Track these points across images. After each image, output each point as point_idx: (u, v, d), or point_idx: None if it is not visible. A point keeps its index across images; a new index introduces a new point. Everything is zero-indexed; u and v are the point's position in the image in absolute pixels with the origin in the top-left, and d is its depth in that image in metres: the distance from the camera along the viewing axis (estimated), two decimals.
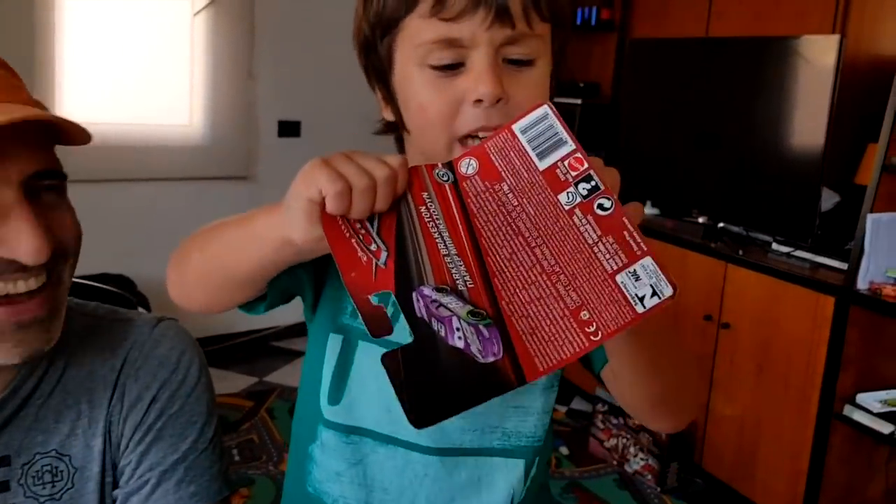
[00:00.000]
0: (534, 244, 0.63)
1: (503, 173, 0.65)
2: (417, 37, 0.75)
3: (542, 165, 0.64)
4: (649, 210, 3.42)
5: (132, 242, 3.48)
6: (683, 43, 3.40)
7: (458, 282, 0.63)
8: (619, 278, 0.60)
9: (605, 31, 4.03)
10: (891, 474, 2.60)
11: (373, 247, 0.64)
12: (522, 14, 0.74)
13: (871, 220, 2.42)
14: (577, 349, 0.60)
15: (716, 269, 2.92)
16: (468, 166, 0.66)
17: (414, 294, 0.63)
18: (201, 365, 0.96)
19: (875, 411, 2.43)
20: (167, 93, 3.83)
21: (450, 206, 0.66)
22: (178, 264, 0.81)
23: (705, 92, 3.18)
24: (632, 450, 3.10)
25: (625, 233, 0.61)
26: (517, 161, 0.65)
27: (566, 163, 0.63)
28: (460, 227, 0.65)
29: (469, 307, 0.62)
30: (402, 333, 0.64)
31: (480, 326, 0.61)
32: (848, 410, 2.48)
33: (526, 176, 0.64)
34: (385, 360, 0.61)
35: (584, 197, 0.62)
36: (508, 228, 0.64)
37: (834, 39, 2.65)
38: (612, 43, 4.00)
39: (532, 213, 0.64)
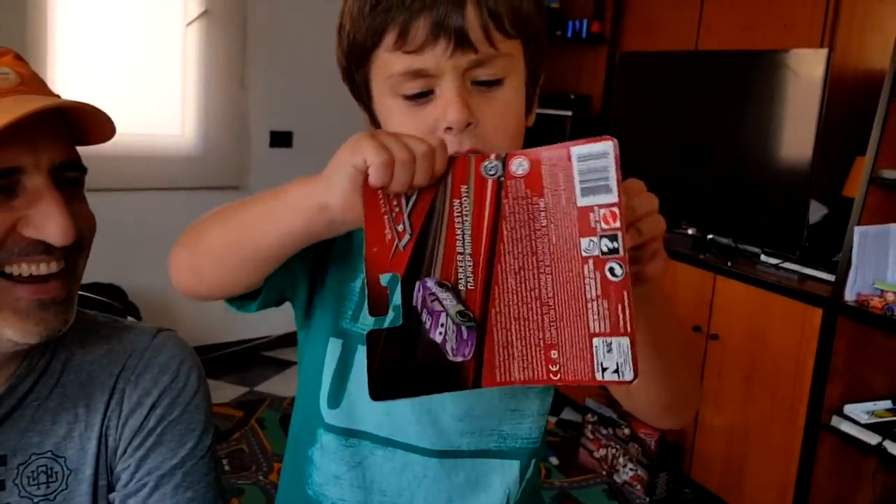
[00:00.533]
0: (542, 270, 0.65)
1: (546, 189, 0.64)
2: (387, 69, 0.77)
3: (581, 202, 0.63)
4: None
5: (124, 252, 3.48)
6: (673, 56, 3.43)
7: (460, 281, 0.66)
8: (595, 341, 0.63)
9: (596, 44, 4.06)
10: (878, 485, 2.61)
11: (400, 227, 0.66)
12: (484, 37, 0.74)
13: (859, 233, 2.44)
14: (535, 378, 0.64)
15: (704, 281, 2.94)
16: (520, 166, 0.65)
17: (417, 283, 0.65)
18: (200, 374, 0.97)
19: (862, 422, 2.44)
20: (159, 103, 3.84)
21: (483, 204, 0.66)
22: (191, 243, 0.81)
23: (695, 104, 3.21)
24: (621, 460, 3.11)
25: (619, 306, 0.62)
26: (562, 183, 0.64)
27: (602, 212, 0.62)
28: (485, 226, 0.65)
29: (460, 307, 0.65)
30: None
31: (463, 327, 0.65)
32: (835, 421, 2.50)
33: (563, 204, 0.64)
34: (369, 335, 0.65)
35: (603, 254, 0.62)
36: (527, 244, 0.65)
37: (822, 53, 2.68)
38: (603, 56, 4.03)
39: (553, 241, 0.64)
